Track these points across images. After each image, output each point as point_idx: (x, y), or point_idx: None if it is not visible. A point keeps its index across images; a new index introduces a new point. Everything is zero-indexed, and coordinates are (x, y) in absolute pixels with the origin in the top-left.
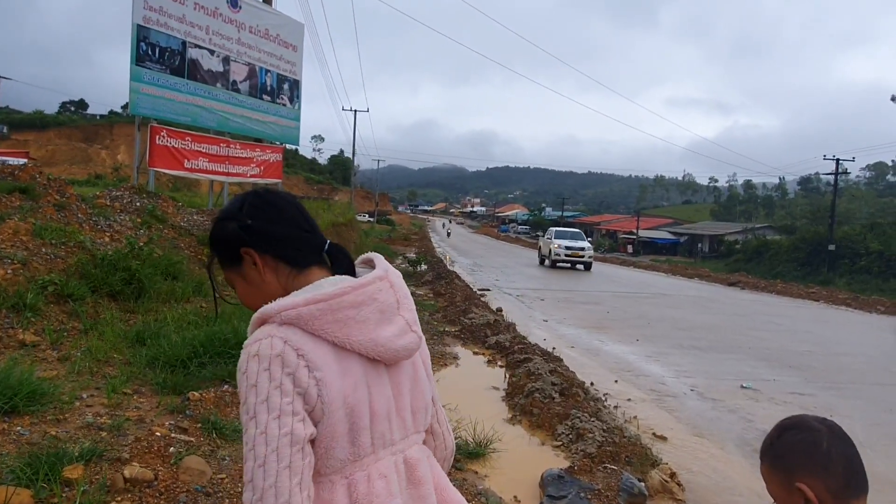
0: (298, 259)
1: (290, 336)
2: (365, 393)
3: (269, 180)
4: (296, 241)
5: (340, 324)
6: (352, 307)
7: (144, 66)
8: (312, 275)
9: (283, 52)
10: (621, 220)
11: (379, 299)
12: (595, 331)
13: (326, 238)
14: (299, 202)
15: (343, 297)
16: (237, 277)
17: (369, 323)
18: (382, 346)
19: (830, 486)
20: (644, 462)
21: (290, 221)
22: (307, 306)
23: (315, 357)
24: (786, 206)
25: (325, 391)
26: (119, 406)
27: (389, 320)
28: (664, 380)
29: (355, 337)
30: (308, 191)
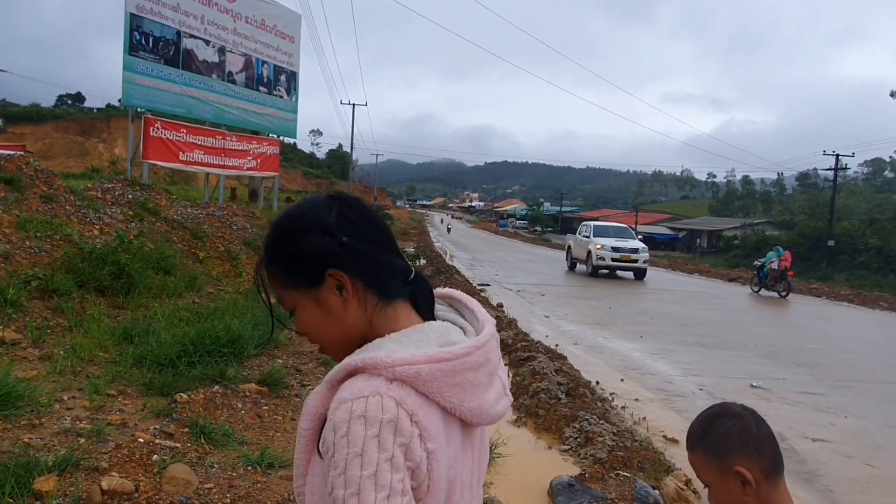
0: (389, 289)
1: (404, 398)
2: (460, 464)
3: (266, 173)
4: (391, 268)
5: (458, 388)
6: (472, 370)
7: (138, 56)
8: (398, 310)
9: (279, 43)
10: (619, 216)
11: (491, 361)
12: (597, 327)
13: (410, 266)
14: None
15: (468, 357)
16: (307, 301)
17: (480, 387)
18: (486, 412)
19: (763, 465)
20: (657, 468)
21: (387, 242)
22: (429, 364)
23: (429, 425)
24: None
25: (434, 466)
26: (101, 409)
27: (492, 383)
28: (671, 378)
29: (468, 403)
30: (306, 185)
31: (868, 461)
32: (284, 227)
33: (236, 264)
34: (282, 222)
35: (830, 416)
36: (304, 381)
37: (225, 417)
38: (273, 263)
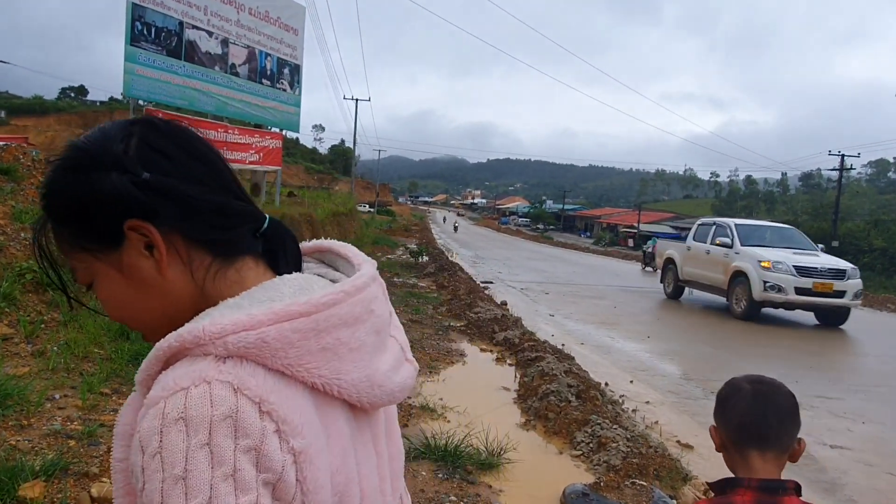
0: (231, 244)
1: (245, 379)
2: (353, 464)
3: (268, 167)
4: (230, 214)
5: (329, 353)
6: (346, 325)
7: (139, 46)
8: (246, 269)
9: (283, 36)
10: (622, 214)
11: (376, 312)
12: (604, 326)
13: (261, 211)
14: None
15: (335, 307)
16: (106, 269)
17: (364, 350)
18: (380, 385)
19: (729, 433)
20: (674, 476)
21: (219, 178)
22: (277, 325)
23: (290, 413)
24: (787, 201)
25: (308, 471)
26: (94, 409)
27: (384, 345)
28: (681, 380)
29: (349, 374)
30: (308, 180)
31: (890, 469)
32: (63, 164)
33: None
34: (60, 158)
35: (848, 422)
36: None
37: None
38: (53, 218)
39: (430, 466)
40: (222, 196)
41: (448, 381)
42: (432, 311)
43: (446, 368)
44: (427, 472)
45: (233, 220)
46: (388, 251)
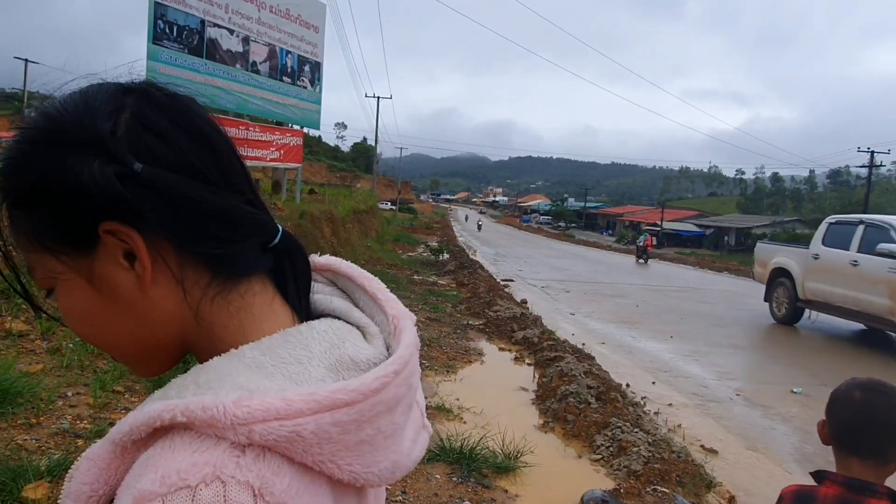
0: (237, 260)
1: (269, 481)
2: None
3: (289, 165)
4: (238, 222)
5: (366, 446)
6: (388, 412)
7: (162, 45)
8: (252, 295)
9: (304, 33)
10: (645, 212)
11: (413, 386)
12: (625, 326)
13: (274, 220)
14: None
15: (381, 393)
16: (71, 277)
17: (398, 435)
18: (402, 466)
19: (832, 432)
20: (698, 483)
21: (224, 172)
22: (317, 415)
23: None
24: (815, 199)
25: None
26: (105, 407)
27: (409, 418)
28: (706, 382)
29: (380, 465)
30: (331, 178)
31: None
32: (29, 135)
33: None
34: (27, 127)
35: None
36: None
37: None
38: (10, 202)
39: (445, 469)
40: (230, 198)
41: (465, 381)
42: (451, 308)
43: (464, 368)
44: (441, 476)
45: (240, 231)
46: (409, 249)
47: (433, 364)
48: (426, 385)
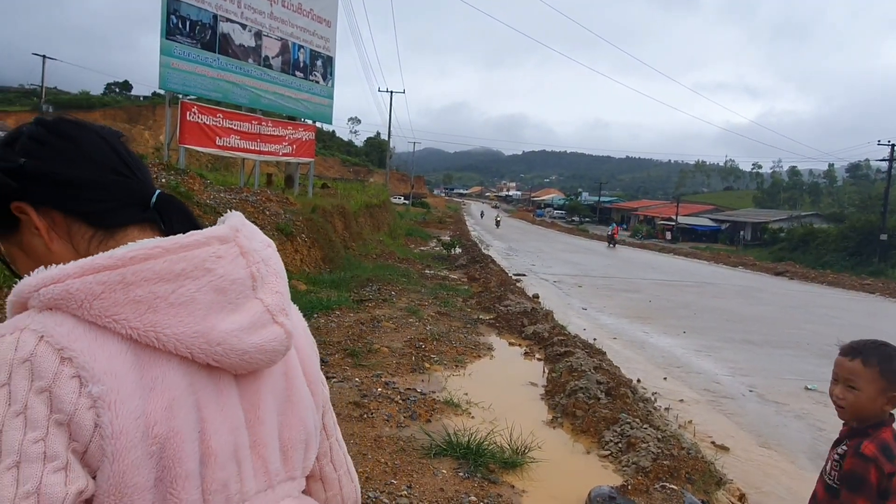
0: (105, 215)
1: (51, 328)
2: (190, 419)
3: (302, 159)
4: (101, 189)
5: (142, 306)
6: (162, 280)
7: (175, 40)
8: (128, 239)
9: (316, 28)
10: (659, 206)
11: (215, 271)
12: (638, 321)
13: (156, 187)
14: (114, 134)
15: (147, 262)
16: (14, 251)
17: (196, 307)
18: (220, 343)
19: (889, 384)
20: (708, 480)
21: (91, 158)
22: (82, 277)
23: (91, 360)
24: (834, 193)
25: (107, 416)
26: None
27: (236, 305)
28: (718, 378)
29: (170, 328)
30: (344, 172)
31: None
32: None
33: None
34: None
35: None
36: (329, 374)
37: None
38: None
39: (452, 464)
40: (95, 173)
41: (474, 376)
42: (461, 303)
43: (473, 362)
44: (448, 471)
45: (108, 193)
46: (422, 243)
47: (442, 358)
48: (434, 378)
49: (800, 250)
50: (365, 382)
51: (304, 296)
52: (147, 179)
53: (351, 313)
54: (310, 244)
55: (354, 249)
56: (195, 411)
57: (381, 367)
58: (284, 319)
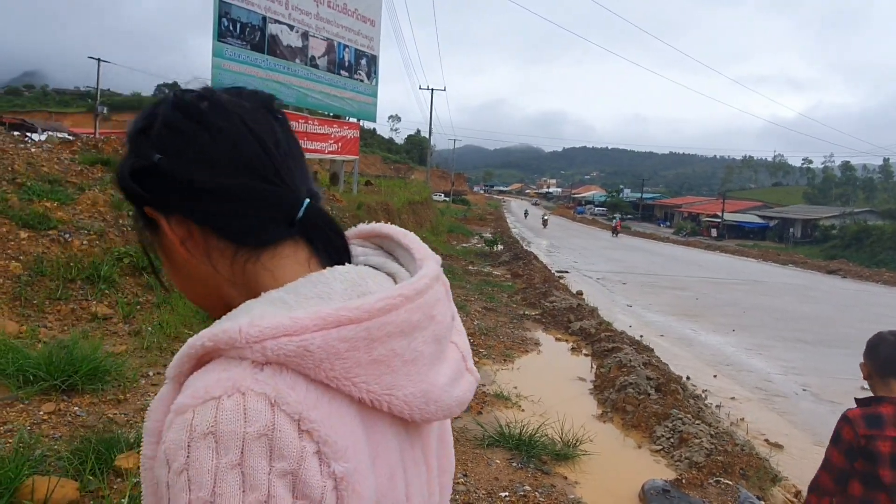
0: (251, 232)
1: (283, 392)
2: (401, 485)
3: (347, 157)
4: (248, 201)
5: (381, 367)
6: (401, 335)
7: (226, 42)
8: (281, 258)
9: (360, 27)
10: (704, 203)
11: (436, 318)
12: (685, 318)
13: (305, 193)
14: (261, 119)
15: (391, 313)
16: (158, 248)
17: (422, 362)
18: (436, 401)
19: (875, 367)
20: (762, 476)
21: (234, 160)
22: (323, 332)
23: (332, 433)
24: (889, 188)
25: (350, 500)
26: None
27: (443, 354)
28: (770, 376)
29: (401, 390)
30: (385, 170)
31: None
32: (127, 130)
33: None
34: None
35: None
36: None
37: None
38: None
39: (505, 455)
40: (240, 178)
41: (522, 370)
42: (507, 299)
43: (521, 357)
44: (501, 461)
45: (252, 206)
46: (464, 239)
47: (490, 353)
48: (483, 372)
49: (853, 248)
50: None
51: None
52: (295, 180)
53: None
54: None
55: None
56: (403, 475)
57: None
58: (471, 365)
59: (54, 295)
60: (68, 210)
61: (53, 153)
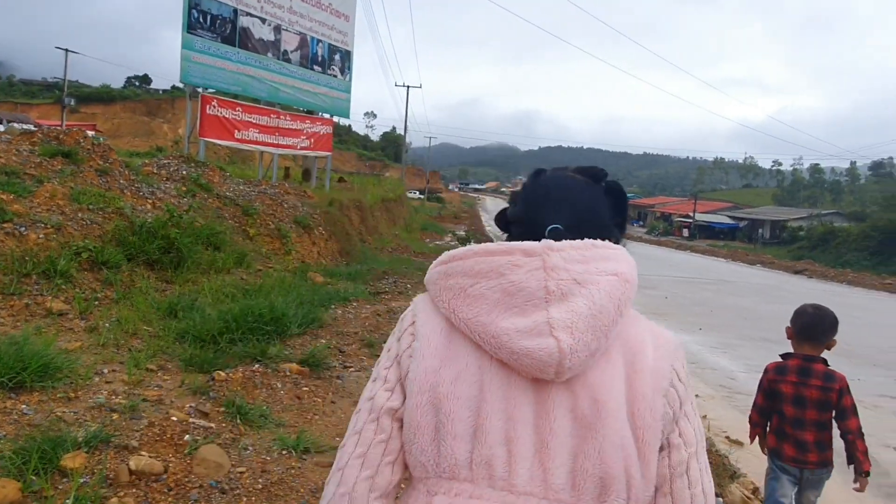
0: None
1: (420, 300)
2: (470, 393)
3: (319, 153)
4: (521, 224)
5: (451, 293)
6: (465, 275)
7: (196, 34)
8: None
9: (334, 22)
10: (676, 203)
11: (507, 276)
12: (653, 317)
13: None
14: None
15: (462, 261)
16: None
17: (484, 301)
18: (495, 337)
19: (796, 331)
20: (721, 473)
21: (529, 208)
22: (436, 267)
23: (423, 326)
24: (856, 191)
25: (412, 364)
26: (139, 384)
27: (522, 310)
28: (734, 374)
29: (463, 313)
30: (360, 167)
31: None
32: None
33: (286, 242)
34: None
35: None
36: (347, 363)
37: (263, 398)
38: None
39: None
40: (525, 218)
41: None
42: None
43: None
44: None
45: (526, 228)
46: (437, 237)
47: None
48: None
49: (819, 249)
50: None
51: (322, 288)
52: (539, 222)
53: (367, 305)
54: (327, 237)
55: (370, 243)
56: (478, 390)
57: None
58: (565, 336)
59: (7, 290)
60: (25, 203)
61: (12, 144)
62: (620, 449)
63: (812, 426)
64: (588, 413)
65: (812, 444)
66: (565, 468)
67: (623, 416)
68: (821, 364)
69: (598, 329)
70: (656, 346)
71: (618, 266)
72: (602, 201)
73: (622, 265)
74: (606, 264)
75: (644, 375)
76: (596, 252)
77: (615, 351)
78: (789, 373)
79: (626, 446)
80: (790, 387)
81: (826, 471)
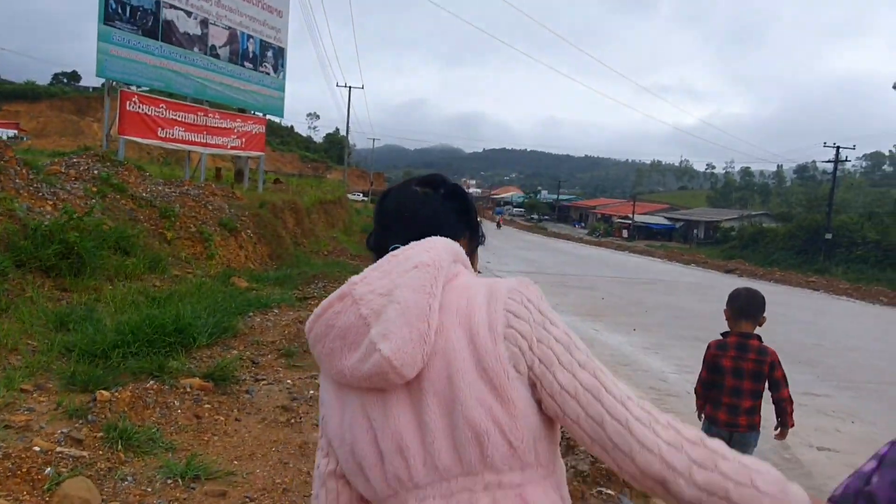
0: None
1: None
2: (364, 426)
3: (251, 153)
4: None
5: (319, 360)
6: (317, 342)
7: (114, 26)
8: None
9: (266, 17)
10: (617, 205)
11: (336, 326)
12: (589, 318)
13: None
14: (398, 192)
15: (311, 333)
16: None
17: (335, 353)
18: (350, 376)
19: (732, 312)
20: None
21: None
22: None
23: (323, 393)
24: (782, 193)
25: (326, 429)
26: (7, 407)
27: (356, 344)
28: (665, 376)
29: (328, 370)
30: (302, 168)
31: None
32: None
33: (209, 245)
34: None
35: (836, 422)
36: (259, 375)
37: (155, 418)
38: None
39: None
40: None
41: None
42: None
43: None
44: None
45: (380, 254)
46: None
47: None
48: None
49: (750, 248)
50: (297, 384)
51: (243, 294)
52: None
53: (291, 311)
54: (255, 240)
55: (306, 246)
56: (368, 423)
57: (318, 368)
58: (384, 345)
59: None
60: None
61: None
62: (480, 404)
63: (748, 395)
64: (446, 389)
65: (744, 410)
66: (447, 447)
67: (475, 376)
68: (755, 340)
69: (412, 320)
70: (490, 299)
71: (421, 257)
72: (444, 208)
73: (427, 254)
74: (408, 263)
75: (481, 330)
76: (396, 260)
77: (451, 323)
78: (729, 348)
79: (485, 399)
80: (730, 360)
81: (753, 435)
